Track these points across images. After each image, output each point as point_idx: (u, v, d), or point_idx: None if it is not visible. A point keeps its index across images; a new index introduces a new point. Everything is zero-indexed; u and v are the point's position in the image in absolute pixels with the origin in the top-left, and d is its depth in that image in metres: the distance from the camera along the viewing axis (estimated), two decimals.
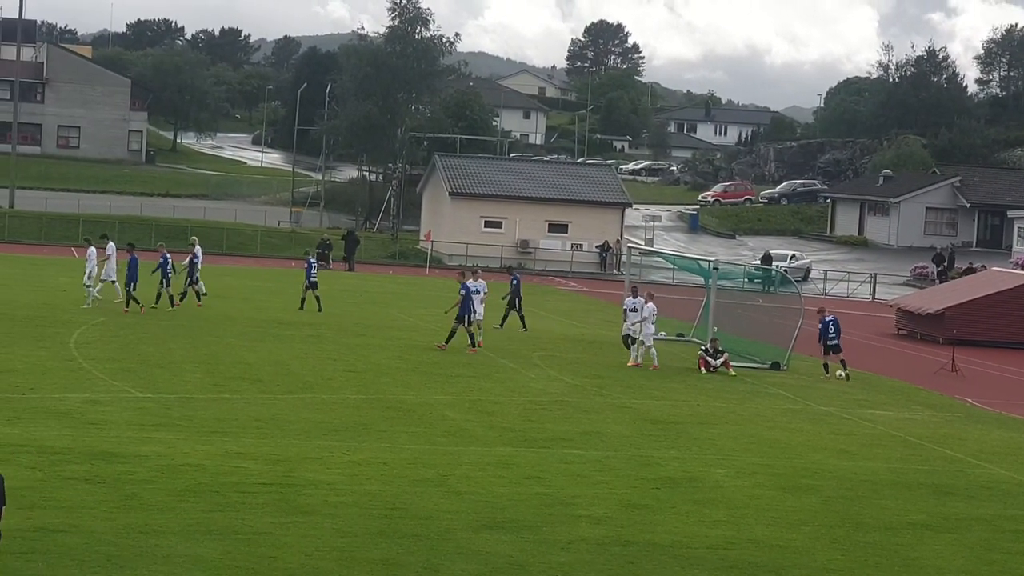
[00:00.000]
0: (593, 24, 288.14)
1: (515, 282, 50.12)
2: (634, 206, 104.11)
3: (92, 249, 47.16)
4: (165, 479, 21.91)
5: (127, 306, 45.63)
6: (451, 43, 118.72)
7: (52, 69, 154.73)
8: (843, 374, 42.31)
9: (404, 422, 28.91)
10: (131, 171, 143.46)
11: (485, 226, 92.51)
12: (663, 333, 50.41)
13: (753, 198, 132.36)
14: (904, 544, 21.55)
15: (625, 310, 43.30)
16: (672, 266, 71.98)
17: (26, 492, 20.32)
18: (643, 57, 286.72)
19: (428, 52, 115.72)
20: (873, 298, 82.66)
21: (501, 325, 48.85)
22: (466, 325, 42.04)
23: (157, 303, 46.95)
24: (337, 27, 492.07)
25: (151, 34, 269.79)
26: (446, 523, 20.53)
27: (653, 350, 41.50)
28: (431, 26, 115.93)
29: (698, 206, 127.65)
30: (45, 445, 23.70)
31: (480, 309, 42.67)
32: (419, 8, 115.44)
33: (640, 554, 19.71)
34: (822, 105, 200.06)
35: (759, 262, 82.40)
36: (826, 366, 43.17)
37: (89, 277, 46.74)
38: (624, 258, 79.88)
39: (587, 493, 23.24)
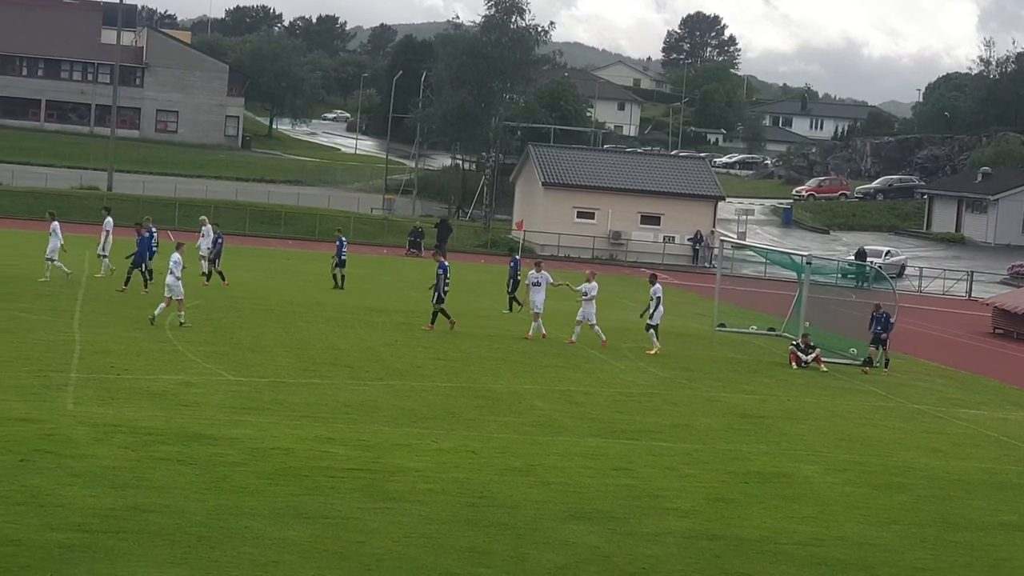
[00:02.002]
0: (689, 16, 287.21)
1: (514, 264, 50.31)
2: (727, 199, 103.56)
3: (55, 224, 47.29)
4: (255, 462, 22.07)
5: (126, 284, 45.12)
6: (546, 33, 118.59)
7: (152, 54, 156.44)
8: (867, 370, 41.37)
9: (493, 411, 28.96)
10: (227, 156, 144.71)
11: (577, 217, 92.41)
12: (754, 327, 50.19)
13: (848, 193, 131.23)
14: (995, 544, 21.29)
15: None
16: (764, 260, 71.50)
17: (119, 472, 20.58)
18: (739, 49, 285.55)
19: (523, 41, 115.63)
20: (969, 296, 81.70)
21: (510, 309, 49.29)
22: (435, 303, 42.24)
23: (126, 286, 45.43)
24: (431, 15, 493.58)
25: (249, 20, 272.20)
26: (533, 512, 20.53)
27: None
28: (526, 15, 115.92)
29: (792, 200, 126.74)
30: (138, 425, 23.97)
31: (538, 300, 42.44)
32: None
33: (727, 548, 19.61)
34: (920, 100, 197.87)
35: (853, 258, 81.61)
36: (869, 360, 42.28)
37: (53, 251, 46.76)
38: (716, 251, 79.50)
39: (675, 486, 23.16)
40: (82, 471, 20.42)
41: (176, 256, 38.01)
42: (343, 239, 54.25)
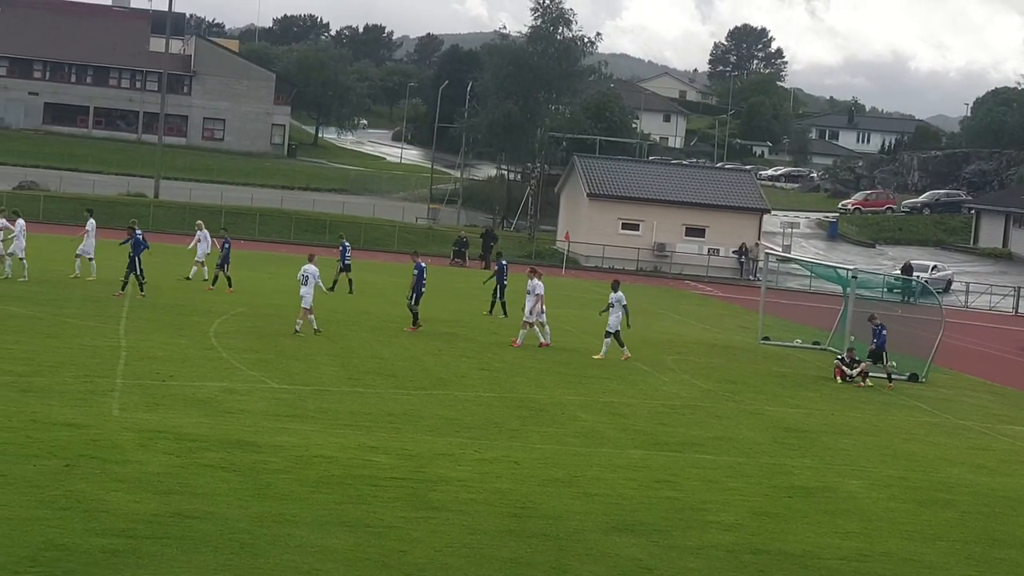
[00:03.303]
0: (736, 28, 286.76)
1: (501, 267, 50.20)
2: (772, 212, 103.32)
3: (21, 221, 47.39)
4: (299, 470, 22.11)
5: (123, 289, 44.84)
6: (592, 44, 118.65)
7: (199, 62, 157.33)
8: (867, 383, 40.97)
9: (536, 421, 28.93)
10: (273, 164, 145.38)
11: (622, 228, 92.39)
12: (798, 341, 50.01)
13: (895, 207, 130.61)
14: None
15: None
16: (810, 274, 71.26)
17: (163, 478, 20.65)
18: (786, 62, 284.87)
19: (569, 52, 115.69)
20: (1016, 312, 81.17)
21: (490, 312, 49.49)
22: (411, 305, 42.68)
23: (123, 289, 45.11)
24: (476, 25, 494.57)
25: (296, 29, 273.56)
26: (575, 524, 20.48)
27: (529, 330, 41.71)
28: (573, 26, 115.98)
29: (838, 214, 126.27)
30: (183, 432, 24.05)
31: (534, 306, 42.07)
32: (562, 8, 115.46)
33: (771, 563, 19.50)
34: (968, 114, 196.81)
35: (899, 272, 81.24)
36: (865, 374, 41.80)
37: (23, 251, 46.88)
38: (761, 264, 79.25)
39: (718, 499, 23.07)
40: (127, 477, 20.51)
41: (310, 267, 39.80)
42: (347, 244, 55.38)
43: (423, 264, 43.51)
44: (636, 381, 36.67)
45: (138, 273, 44.82)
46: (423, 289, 42.90)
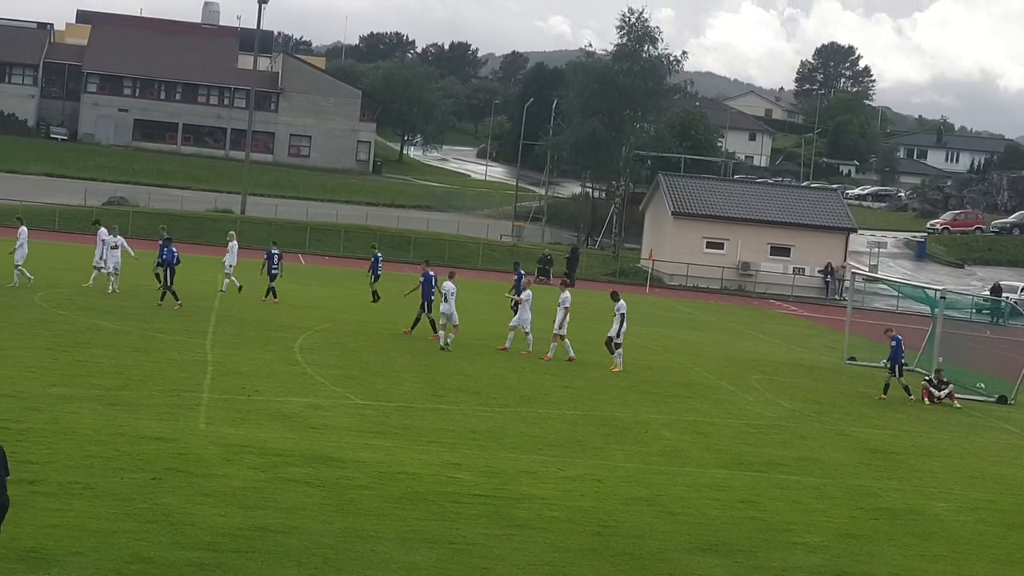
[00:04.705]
0: (824, 46, 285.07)
1: (518, 277, 49.58)
2: (859, 231, 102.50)
3: (23, 229, 47.48)
4: (382, 485, 22.17)
5: (162, 299, 44.93)
6: (678, 62, 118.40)
7: (286, 79, 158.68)
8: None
9: (619, 440, 28.85)
10: (358, 180, 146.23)
11: (706, 246, 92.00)
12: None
13: (984, 227, 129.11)
14: None
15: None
16: (897, 294, 70.60)
17: (248, 492, 20.78)
18: (873, 80, 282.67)
19: (655, 70, 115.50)
20: None
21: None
22: (426, 312, 43.41)
23: (163, 300, 45.10)
24: (560, 43, 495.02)
25: (383, 47, 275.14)
26: (659, 543, 20.39)
27: (560, 343, 41.53)
28: (659, 44, 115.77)
29: (926, 234, 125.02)
30: (268, 447, 24.20)
31: (563, 319, 41.83)
32: (648, 26, 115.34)
33: None
34: None
35: (988, 293, 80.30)
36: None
37: (22, 259, 47.00)
38: (847, 284, 78.62)
39: (803, 520, 22.88)
40: (212, 490, 20.65)
41: (449, 284, 41.12)
42: (379, 255, 56.03)
43: (431, 273, 44.18)
44: (720, 400, 36.48)
45: (165, 281, 45.31)
46: (432, 296, 43.54)
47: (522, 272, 50.77)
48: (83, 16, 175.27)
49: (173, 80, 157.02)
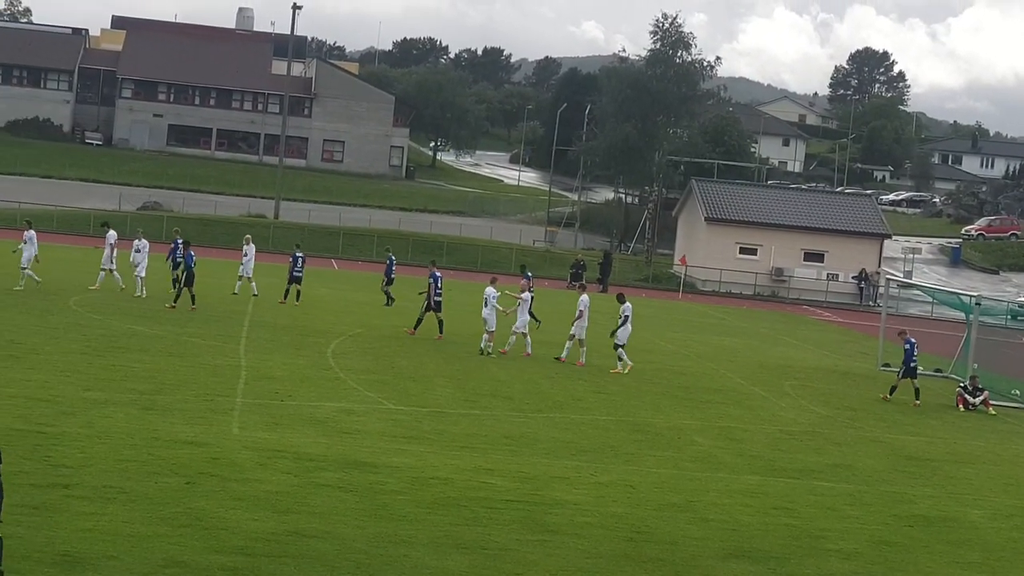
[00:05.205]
0: (858, 52, 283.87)
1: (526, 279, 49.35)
2: (894, 237, 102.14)
3: (31, 232, 47.68)
4: (415, 491, 22.17)
5: (175, 301, 45.25)
6: (712, 67, 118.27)
7: (320, 84, 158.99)
8: (918, 402, 40.09)
9: (652, 446, 28.79)
10: (391, 186, 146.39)
11: (740, 252, 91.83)
12: (919, 368, 49.27)
13: (1019, 233, 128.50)
14: None
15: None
16: (931, 300, 70.28)
17: (281, 496, 20.81)
18: (908, 86, 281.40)
19: (688, 76, 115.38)
20: None
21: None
22: (436, 312, 44.29)
23: (176, 302, 45.45)
24: (592, 48, 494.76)
25: (416, 52, 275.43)
26: (692, 550, 20.34)
27: (575, 343, 41.57)
28: (692, 50, 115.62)
29: (961, 239, 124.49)
30: (301, 451, 24.23)
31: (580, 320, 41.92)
32: (681, 32, 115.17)
33: None
34: None
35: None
36: (893, 388, 41.02)
37: (27, 261, 47.15)
38: (882, 290, 78.34)
39: (837, 527, 22.78)
40: (245, 495, 20.69)
41: (490, 289, 41.67)
42: (392, 257, 55.81)
43: (438, 274, 44.99)
44: (753, 406, 36.38)
45: (177, 283, 45.77)
46: (438, 297, 44.26)
47: (529, 275, 50.86)
48: (118, 22, 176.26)
49: (207, 85, 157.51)
